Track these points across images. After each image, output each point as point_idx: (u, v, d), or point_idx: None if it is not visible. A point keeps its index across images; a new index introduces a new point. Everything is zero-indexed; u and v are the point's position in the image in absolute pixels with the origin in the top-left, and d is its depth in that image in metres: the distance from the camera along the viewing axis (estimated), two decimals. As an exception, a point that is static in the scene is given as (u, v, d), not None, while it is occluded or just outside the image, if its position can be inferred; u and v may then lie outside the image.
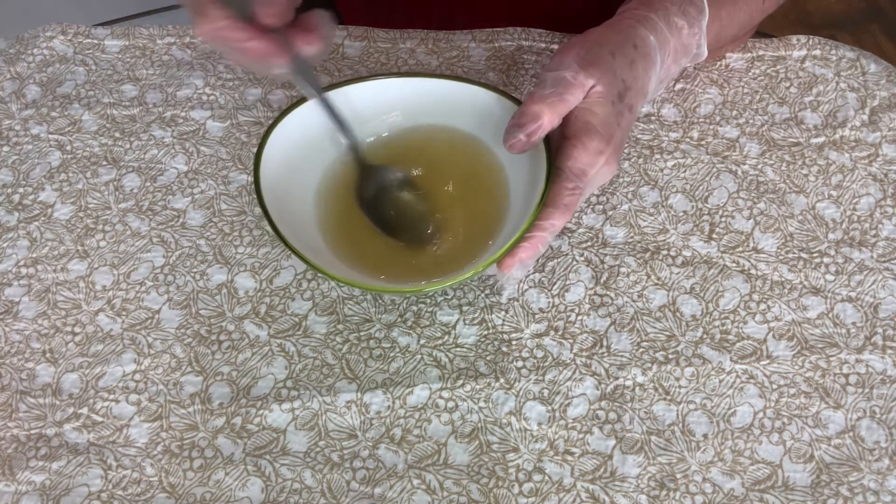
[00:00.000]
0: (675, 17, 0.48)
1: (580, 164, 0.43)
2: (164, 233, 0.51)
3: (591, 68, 0.43)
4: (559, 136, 0.44)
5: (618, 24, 0.47)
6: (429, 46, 0.59)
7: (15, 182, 0.53)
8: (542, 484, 0.42)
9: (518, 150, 0.43)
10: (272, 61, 0.40)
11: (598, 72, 0.43)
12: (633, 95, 0.45)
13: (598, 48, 0.44)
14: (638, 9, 0.48)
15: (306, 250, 0.42)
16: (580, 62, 0.43)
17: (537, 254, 0.42)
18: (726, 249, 0.49)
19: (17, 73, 0.59)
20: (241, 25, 0.39)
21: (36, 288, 0.49)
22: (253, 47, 0.39)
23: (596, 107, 0.43)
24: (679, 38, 0.48)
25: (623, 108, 0.45)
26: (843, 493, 0.41)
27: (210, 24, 0.39)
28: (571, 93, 0.43)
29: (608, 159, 0.43)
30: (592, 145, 0.43)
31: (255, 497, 0.42)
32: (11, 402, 0.45)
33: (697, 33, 0.49)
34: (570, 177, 0.43)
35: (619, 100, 0.44)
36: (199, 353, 0.46)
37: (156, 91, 0.57)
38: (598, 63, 0.44)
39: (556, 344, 0.46)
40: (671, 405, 0.44)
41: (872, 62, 0.56)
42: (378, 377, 0.45)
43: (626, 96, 0.45)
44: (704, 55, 0.51)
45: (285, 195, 0.46)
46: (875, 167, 0.52)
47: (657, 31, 0.47)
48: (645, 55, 0.46)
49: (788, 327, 0.46)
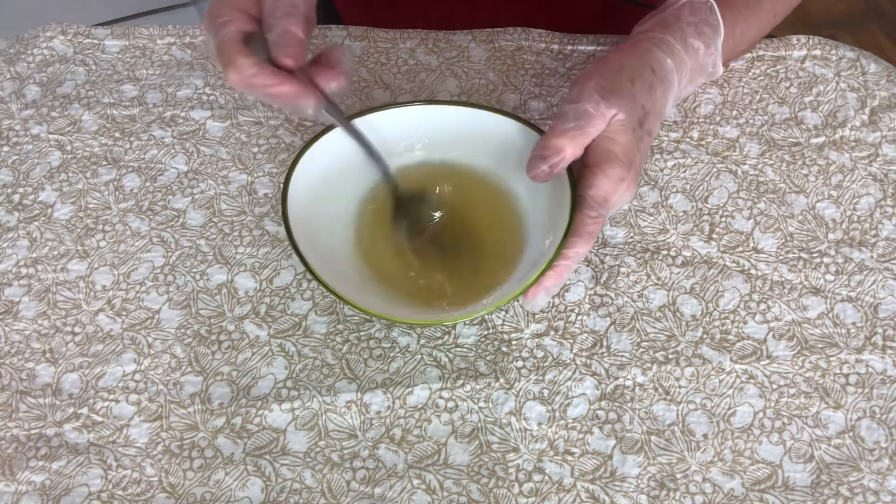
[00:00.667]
0: (691, 39, 0.48)
1: (602, 193, 0.43)
2: (164, 233, 0.51)
3: (612, 97, 0.43)
4: (580, 164, 0.45)
5: (634, 49, 0.47)
6: (429, 46, 0.59)
7: (15, 182, 0.53)
8: (542, 484, 0.42)
9: (541, 180, 0.44)
10: (301, 102, 0.42)
11: (618, 100, 0.43)
12: (653, 120, 0.45)
13: (616, 76, 0.44)
14: (654, 30, 0.48)
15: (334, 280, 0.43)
16: (601, 92, 0.43)
17: (562, 282, 0.43)
18: (726, 249, 0.49)
19: (17, 73, 0.59)
20: (269, 71, 0.41)
21: (36, 288, 0.49)
22: (282, 91, 0.41)
23: (617, 135, 0.43)
24: (695, 59, 0.48)
25: (643, 134, 0.45)
26: (843, 493, 0.41)
27: (240, 72, 0.41)
28: (593, 125, 0.43)
29: (628, 185, 0.44)
30: (614, 173, 0.43)
31: (255, 497, 0.42)
32: (11, 402, 0.45)
33: (713, 53, 0.49)
34: (593, 205, 0.43)
35: (640, 126, 0.44)
36: (199, 353, 0.46)
37: (156, 91, 0.57)
38: (618, 91, 0.44)
39: (556, 344, 0.46)
40: (671, 405, 0.44)
41: (872, 62, 0.56)
42: (378, 377, 0.45)
43: (646, 122, 0.45)
44: (720, 73, 0.51)
45: (313, 224, 0.46)
46: (875, 167, 0.52)
47: (674, 54, 0.47)
48: (662, 79, 0.46)
49: (788, 327, 0.46)
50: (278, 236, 0.50)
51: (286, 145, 0.54)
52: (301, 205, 0.46)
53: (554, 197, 0.45)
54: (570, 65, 0.57)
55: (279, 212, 0.51)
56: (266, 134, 0.55)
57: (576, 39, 0.58)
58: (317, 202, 0.47)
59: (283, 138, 0.54)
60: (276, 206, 0.51)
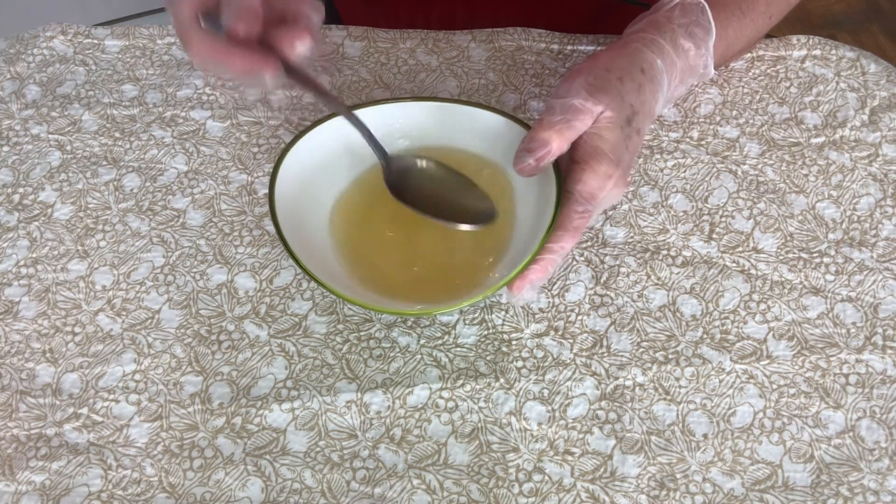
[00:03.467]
0: (681, 40, 0.48)
1: (589, 188, 0.43)
2: (164, 233, 0.51)
3: (599, 94, 0.43)
4: (568, 160, 0.45)
5: (625, 48, 0.47)
6: (429, 46, 0.59)
7: (15, 182, 0.53)
8: (542, 484, 0.42)
9: (528, 173, 0.44)
10: (261, 71, 0.39)
11: (606, 98, 0.43)
12: (641, 119, 0.46)
13: (605, 73, 0.45)
14: (645, 31, 0.48)
15: (320, 272, 0.43)
16: (588, 88, 0.43)
17: (547, 276, 0.43)
18: (726, 249, 0.49)
19: (17, 73, 0.59)
20: (222, 45, 0.39)
21: (36, 288, 0.49)
22: (235, 61, 0.39)
23: (605, 132, 0.44)
24: (686, 60, 0.48)
25: (631, 132, 0.45)
26: (843, 493, 0.41)
27: (194, 48, 0.39)
28: (580, 119, 0.43)
29: (616, 182, 0.44)
30: (601, 169, 0.43)
31: (255, 497, 0.42)
32: (11, 402, 0.45)
33: (704, 54, 0.49)
34: (580, 200, 0.43)
35: (628, 124, 0.45)
36: (199, 353, 0.46)
37: (156, 91, 0.57)
38: (606, 89, 0.44)
39: (556, 344, 0.46)
40: (671, 405, 0.44)
41: (872, 62, 0.56)
42: (378, 377, 0.45)
43: (634, 120, 0.45)
44: (711, 74, 0.51)
45: (300, 217, 0.47)
46: (875, 167, 0.52)
47: (664, 55, 0.47)
48: (652, 79, 0.46)
49: (788, 327, 0.46)
50: (278, 236, 0.50)
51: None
52: (288, 207, 0.46)
53: (541, 192, 0.45)
54: (569, 65, 0.57)
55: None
56: (266, 134, 0.55)
57: (576, 39, 0.58)
58: (303, 199, 0.47)
59: (283, 138, 0.54)
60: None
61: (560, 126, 0.43)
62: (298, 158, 0.48)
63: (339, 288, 0.42)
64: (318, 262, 0.45)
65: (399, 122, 0.50)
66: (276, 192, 0.46)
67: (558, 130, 0.43)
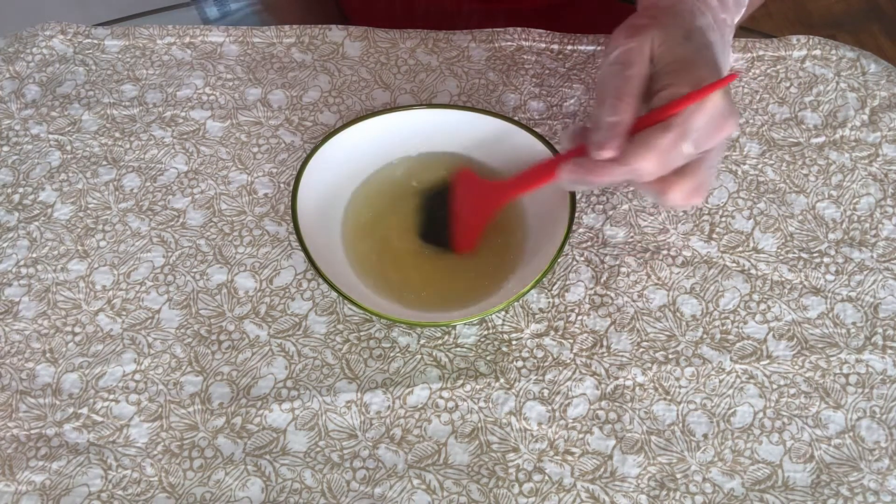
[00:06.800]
0: None
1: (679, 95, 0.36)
2: (164, 233, 0.51)
3: (636, 33, 0.39)
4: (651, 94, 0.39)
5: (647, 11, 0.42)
6: (429, 46, 0.59)
7: (15, 182, 0.53)
8: (542, 484, 0.42)
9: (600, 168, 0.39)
10: None
11: (645, 32, 0.39)
12: (702, 34, 0.40)
13: (635, 19, 0.41)
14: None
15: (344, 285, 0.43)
16: (627, 32, 0.40)
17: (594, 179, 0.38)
18: (726, 249, 0.49)
19: (17, 73, 0.59)
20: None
21: (36, 288, 0.49)
22: None
23: (667, 49, 0.39)
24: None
25: (699, 46, 0.39)
26: (843, 493, 0.41)
27: None
28: (631, 65, 0.38)
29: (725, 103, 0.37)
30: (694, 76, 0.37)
31: (255, 497, 0.42)
32: (11, 402, 0.45)
33: None
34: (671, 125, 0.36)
35: (688, 39, 0.39)
36: (199, 353, 0.46)
37: (156, 91, 0.57)
38: (640, 26, 0.40)
39: (556, 344, 0.46)
40: (671, 405, 0.44)
41: (872, 62, 0.56)
42: (378, 377, 0.45)
43: (694, 35, 0.39)
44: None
45: (319, 229, 0.47)
46: (875, 167, 0.52)
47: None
48: (691, 9, 0.41)
49: (788, 327, 0.46)
50: (278, 236, 0.50)
51: (286, 145, 0.54)
52: (309, 211, 0.46)
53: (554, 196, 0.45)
54: (570, 65, 0.57)
55: (279, 212, 0.51)
56: (266, 134, 0.55)
57: (576, 39, 0.58)
58: (322, 212, 0.48)
59: (283, 138, 0.54)
60: (276, 206, 0.51)
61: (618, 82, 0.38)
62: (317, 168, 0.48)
63: (368, 304, 0.43)
64: (342, 278, 0.45)
65: (408, 131, 0.50)
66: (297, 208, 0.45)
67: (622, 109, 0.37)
